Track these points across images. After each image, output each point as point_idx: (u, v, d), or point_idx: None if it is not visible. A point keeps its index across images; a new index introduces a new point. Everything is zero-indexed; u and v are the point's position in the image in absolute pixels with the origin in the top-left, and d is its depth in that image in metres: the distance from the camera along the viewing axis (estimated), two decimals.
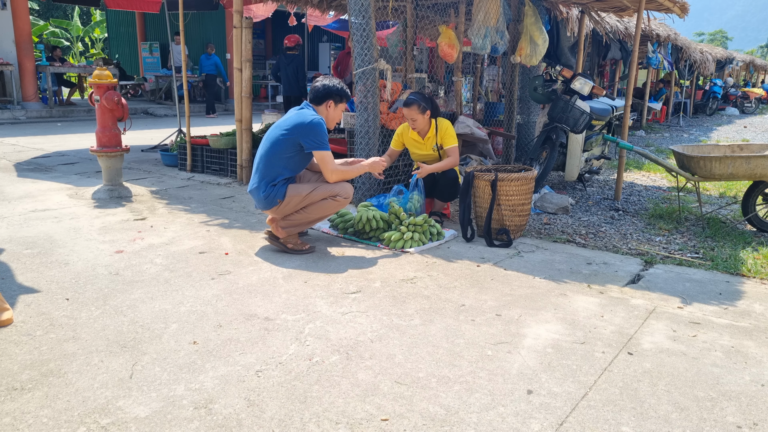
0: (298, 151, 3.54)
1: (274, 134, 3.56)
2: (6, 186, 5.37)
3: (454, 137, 4.36)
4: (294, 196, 3.55)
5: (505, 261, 3.65)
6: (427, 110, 4.26)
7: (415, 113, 4.24)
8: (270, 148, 3.55)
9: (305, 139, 3.47)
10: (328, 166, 3.54)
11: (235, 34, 5.62)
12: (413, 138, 4.44)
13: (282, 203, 3.55)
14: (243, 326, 2.58)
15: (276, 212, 3.61)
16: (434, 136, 4.36)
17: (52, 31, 23.63)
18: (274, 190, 3.52)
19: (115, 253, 3.51)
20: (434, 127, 4.36)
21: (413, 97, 4.25)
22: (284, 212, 3.61)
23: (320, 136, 3.49)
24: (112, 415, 1.91)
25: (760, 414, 2.02)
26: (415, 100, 4.23)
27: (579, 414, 1.99)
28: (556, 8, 6.99)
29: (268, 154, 3.55)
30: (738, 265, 3.62)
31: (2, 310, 2.53)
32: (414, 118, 4.26)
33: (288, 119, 3.58)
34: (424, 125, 4.32)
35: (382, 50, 6.02)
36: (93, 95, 4.83)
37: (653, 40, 12.01)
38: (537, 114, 7.06)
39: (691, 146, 4.85)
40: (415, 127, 4.34)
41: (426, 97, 4.32)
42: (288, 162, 3.55)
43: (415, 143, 4.46)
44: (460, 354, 2.39)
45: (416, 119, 4.27)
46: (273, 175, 3.53)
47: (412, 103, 4.23)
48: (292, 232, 3.65)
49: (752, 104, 21.15)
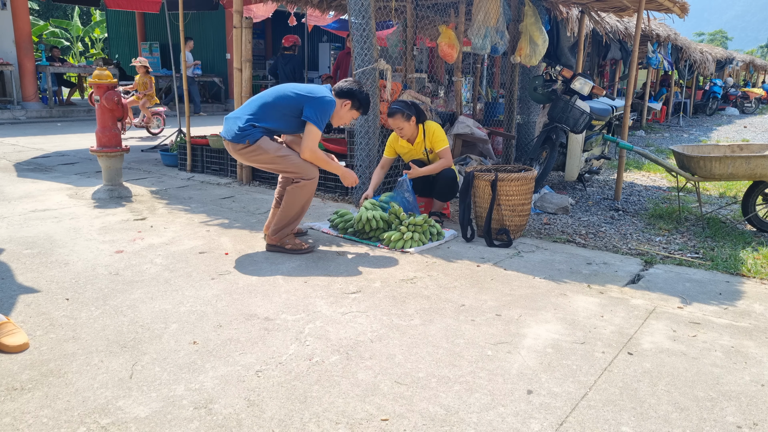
0: (296, 115, 3.52)
1: (284, 90, 3.56)
2: (6, 186, 5.37)
3: (443, 139, 4.34)
4: (264, 149, 3.50)
5: (505, 261, 3.65)
6: (412, 117, 4.22)
7: (401, 122, 4.21)
8: (274, 99, 3.53)
9: (309, 107, 3.47)
10: (309, 142, 3.52)
11: (235, 34, 5.62)
12: (403, 145, 4.44)
13: (248, 148, 3.49)
14: (243, 326, 2.58)
15: (238, 153, 3.55)
16: (423, 141, 4.36)
17: (52, 31, 23.63)
18: (251, 130, 3.48)
19: (115, 253, 3.51)
20: (422, 132, 4.34)
21: (396, 107, 4.22)
22: (245, 159, 3.55)
23: (323, 114, 3.50)
24: (112, 415, 1.91)
25: (760, 414, 2.02)
26: (398, 109, 4.19)
27: (579, 414, 1.99)
28: (556, 8, 6.99)
29: (269, 102, 3.53)
30: (738, 265, 3.62)
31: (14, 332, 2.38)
32: (400, 126, 4.24)
33: (305, 86, 3.59)
34: (411, 132, 4.30)
35: (382, 50, 6.02)
36: (93, 95, 4.83)
37: (653, 40, 12.01)
38: (537, 114, 7.06)
39: (691, 146, 4.85)
40: (403, 135, 4.31)
41: (408, 104, 4.28)
42: (281, 118, 3.53)
43: (405, 150, 4.46)
44: (460, 354, 2.39)
45: (402, 127, 4.25)
46: (259, 118, 3.51)
47: (395, 112, 4.20)
48: (283, 234, 3.64)
49: (752, 104, 21.15)
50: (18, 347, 2.29)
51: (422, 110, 4.38)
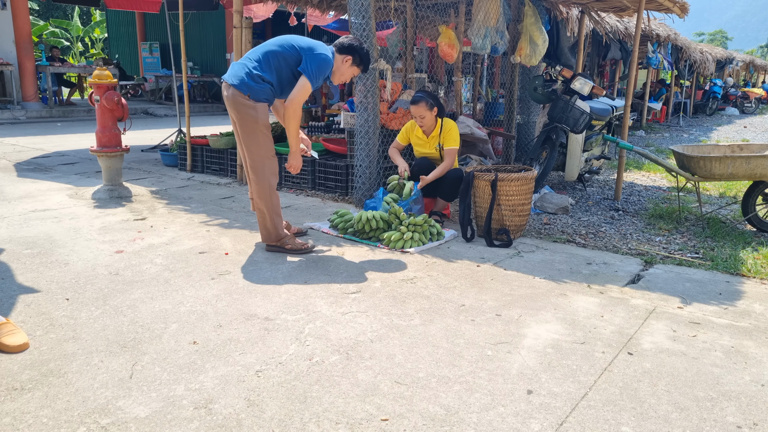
0: (292, 68, 3.49)
1: (289, 40, 3.53)
2: (6, 186, 5.37)
3: (456, 139, 4.37)
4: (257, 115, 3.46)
5: (505, 261, 3.65)
6: (435, 107, 4.28)
7: (423, 110, 4.26)
8: (278, 47, 3.50)
9: (307, 61, 3.45)
10: (298, 94, 3.45)
11: (235, 34, 5.62)
12: (417, 135, 4.49)
13: (247, 102, 3.44)
14: (243, 326, 2.58)
15: (232, 100, 3.47)
16: (438, 135, 4.40)
17: (52, 31, 23.64)
18: (256, 86, 3.44)
19: (115, 253, 3.51)
20: (439, 126, 4.39)
21: (421, 95, 4.29)
22: (234, 109, 3.49)
23: (319, 70, 3.46)
24: (112, 415, 1.91)
25: (760, 414, 2.02)
26: (422, 97, 4.26)
27: (579, 414, 1.99)
28: (556, 8, 6.99)
29: (272, 51, 3.50)
30: (738, 265, 3.62)
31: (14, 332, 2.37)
32: (422, 115, 4.29)
33: (309, 40, 3.56)
34: (431, 123, 4.36)
35: (382, 50, 6.02)
36: (93, 95, 4.83)
37: (653, 40, 12.01)
38: (537, 114, 7.06)
39: (691, 146, 4.85)
40: (423, 125, 4.37)
41: (433, 95, 4.35)
42: (279, 69, 3.50)
43: (419, 141, 4.51)
44: (460, 354, 2.39)
45: (424, 116, 4.29)
46: (262, 67, 3.47)
47: (420, 100, 4.26)
48: (276, 225, 3.61)
49: (752, 104, 21.14)
50: (18, 347, 2.29)
51: (443, 105, 4.43)
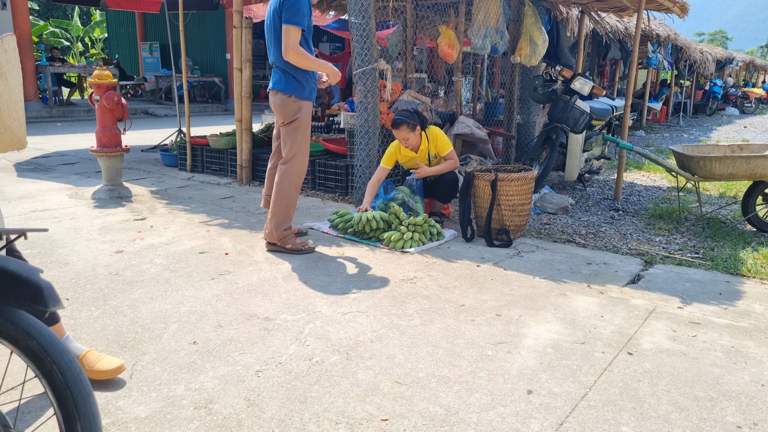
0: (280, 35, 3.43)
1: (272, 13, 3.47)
2: (6, 186, 5.37)
3: (448, 142, 4.34)
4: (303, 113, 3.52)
5: (505, 261, 3.65)
6: (417, 126, 4.19)
7: (406, 132, 4.18)
8: (271, 22, 3.48)
9: (285, 12, 3.32)
10: (290, 42, 3.31)
11: (235, 34, 5.62)
12: (405, 154, 4.41)
13: (294, 102, 3.49)
14: (243, 326, 2.58)
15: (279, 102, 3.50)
16: (426, 147, 4.35)
17: (52, 31, 23.62)
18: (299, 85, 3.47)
19: (115, 253, 3.51)
20: (425, 138, 4.33)
21: (400, 118, 4.18)
22: (281, 109, 3.51)
23: (295, 11, 3.29)
24: (112, 415, 1.91)
25: (760, 414, 2.02)
26: (402, 120, 4.16)
27: (579, 414, 1.99)
28: (556, 8, 6.99)
29: (272, 31, 3.48)
30: (738, 265, 3.62)
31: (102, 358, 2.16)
32: (405, 137, 4.22)
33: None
34: (416, 141, 4.28)
35: (382, 50, 6.02)
36: (93, 95, 4.83)
37: (653, 40, 12.01)
38: (537, 114, 7.06)
39: (691, 146, 4.85)
40: (408, 145, 4.30)
41: (411, 112, 4.25)
42: (277, 44, 3.46)
43: (409, 158, 4.44)
44: (460, 354, 2.39)
45: (408, 138, 4.22)
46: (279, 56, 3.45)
47: (400, 123, 4.16)
48: (281, 228, 3.61)
49: (752, 104, 21.14)
50: (115, 371, 2.10)
51: (424, 116, 4.36)
